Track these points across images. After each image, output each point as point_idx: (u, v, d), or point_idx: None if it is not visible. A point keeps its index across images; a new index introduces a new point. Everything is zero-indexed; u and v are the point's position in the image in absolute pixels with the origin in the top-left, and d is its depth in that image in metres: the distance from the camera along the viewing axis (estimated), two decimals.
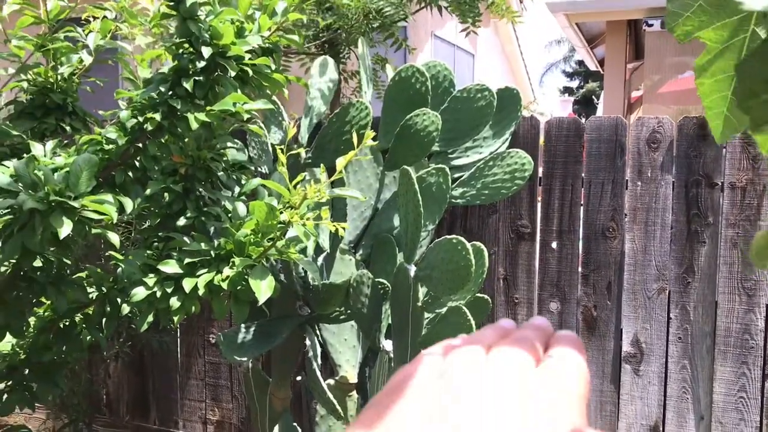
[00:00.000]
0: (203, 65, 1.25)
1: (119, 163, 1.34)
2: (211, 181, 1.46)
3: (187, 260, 1.24)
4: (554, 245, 2.01)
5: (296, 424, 1.91)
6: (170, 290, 1.22)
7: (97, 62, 1.57)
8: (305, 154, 1.79)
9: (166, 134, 1.32)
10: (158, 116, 1.27)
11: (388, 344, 1.66)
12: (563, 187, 1.98)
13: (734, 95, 0.43)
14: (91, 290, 1.38)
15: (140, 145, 1.35)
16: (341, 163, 1.19)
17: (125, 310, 1.35)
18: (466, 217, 2.09)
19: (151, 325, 1.26)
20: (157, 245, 1.37)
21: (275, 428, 1.84)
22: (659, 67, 6.26)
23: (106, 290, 1.37)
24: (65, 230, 1.06)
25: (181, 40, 1.28)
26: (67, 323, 1.43)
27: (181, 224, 1.36)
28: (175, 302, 1.21)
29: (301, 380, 2.12)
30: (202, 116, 1.23)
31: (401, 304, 1.54)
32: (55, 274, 1.30)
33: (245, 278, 1.20)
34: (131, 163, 1.36)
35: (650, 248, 1.92)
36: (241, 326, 1.66)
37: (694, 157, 1.87)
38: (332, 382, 1.73)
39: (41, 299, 1.35)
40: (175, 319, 1.21)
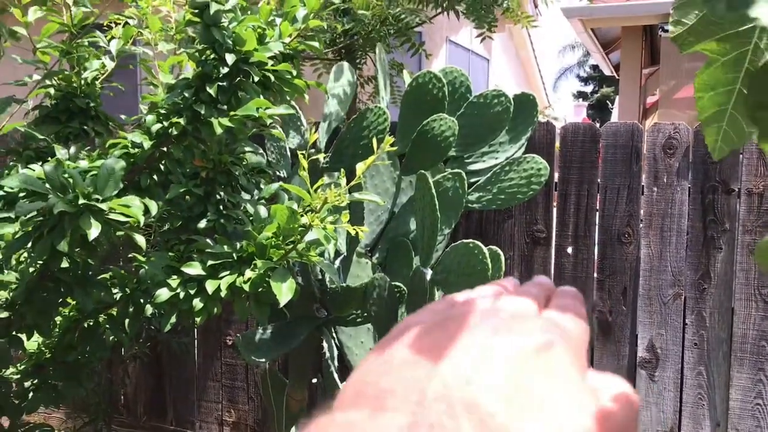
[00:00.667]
0: (226, 71, 1.28)
1: (144, 166, 1.37)
2: (231, 184, 1.49)
3: (209, 262, 1.26)
4: (570, 250, 2.01)
5: None
6: (193, 292, 1.24)
7: (118, 67, 1.61)
8: (323, 158, 1.82)
9: (189, 138, 1.35)
10: (183, 121, 1.30)
11: None
12: (579, 192, 1.99)
13: (735, 109, 0.43)
14: (115, 291, 1.41)
15: (165, 149, 1.38)
16: (361, 168, 1.21)
17: (148, 311, 1.38)
18: (481, 221, 2.10)
19: (172, 326, 1.29)
20: (178, 247, 1.40)
21: (292, 429, 1.86)
22: (675, 72, 6.23)
23: (129, 291, 1.40)
24: (94, 232, 1.09)
25: (204, 46, 1.31)
26: (91, 323, 1.46)
27: (201, 227, 1.39)
28: (197, 303, 1.23)
29: (317, 382, 2.14)
30: (225, 121, 1.26)
31: (417, 307, 1.55)
32: (81, 275, 1.33)
33: (266, 280, 1.22)
34: (156, 166, 1.39)
35: (666, 254, 1.92)
36: (258, 328, 1.69)
37: (710, 163, 1.87)
38: None
39: (67, 299, 1.38)
40: (197, 319, 1.24)
